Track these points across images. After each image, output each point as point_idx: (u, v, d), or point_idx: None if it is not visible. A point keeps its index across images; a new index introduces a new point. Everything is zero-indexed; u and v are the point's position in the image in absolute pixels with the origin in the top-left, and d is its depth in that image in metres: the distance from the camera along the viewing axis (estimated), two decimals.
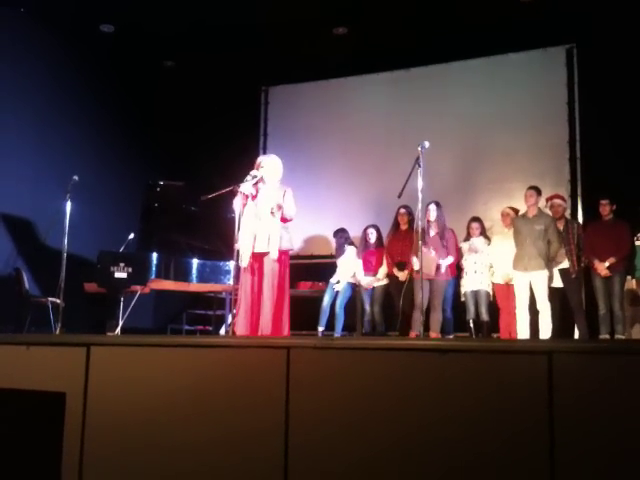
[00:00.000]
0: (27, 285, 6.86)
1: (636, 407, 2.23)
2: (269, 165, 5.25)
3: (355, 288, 7.11)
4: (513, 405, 2.37)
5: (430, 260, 6.11)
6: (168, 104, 8.93)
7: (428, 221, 6.39)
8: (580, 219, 7.28)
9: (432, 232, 6.40)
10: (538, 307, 5.95)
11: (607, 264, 6.04)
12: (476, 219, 6.80)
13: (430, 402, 2.54)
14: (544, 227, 6.01)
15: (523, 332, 5.89)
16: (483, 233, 6.75)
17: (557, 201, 6.46)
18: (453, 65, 8.24)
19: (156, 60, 8.94)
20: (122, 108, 8.52)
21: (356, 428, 2.67)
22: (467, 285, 6.66)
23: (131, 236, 6.83)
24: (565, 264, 6.20)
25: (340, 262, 7.14)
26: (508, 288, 6.30)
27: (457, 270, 6.73)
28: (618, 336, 5.93)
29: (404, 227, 6.81)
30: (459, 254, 6.67)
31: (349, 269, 7.08)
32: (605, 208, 6.23)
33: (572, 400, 2.30)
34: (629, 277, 6.21)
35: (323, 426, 2.74)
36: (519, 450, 2.35)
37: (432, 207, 6.35)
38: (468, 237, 6.76)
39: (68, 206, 5.85)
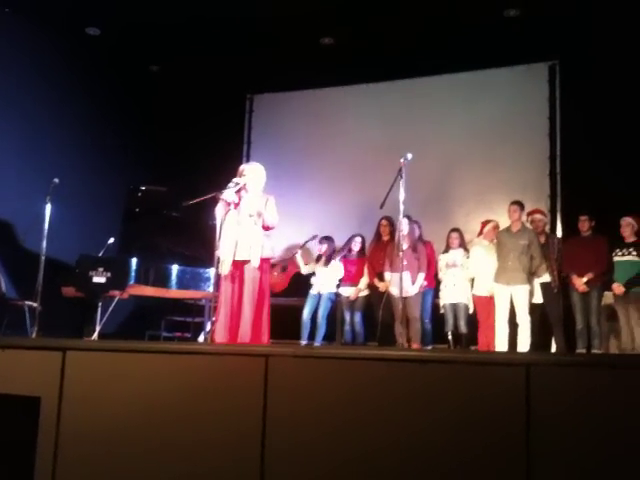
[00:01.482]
0: (4, 287, 6.77)
1: (611, 419, 2.25)
2: (252, 173, 5.25)
3: (337, 298, 7.11)
4: (491, 416, 2.38)
5: (406, 279, 6.13)
6: (152, 109, 8.91)
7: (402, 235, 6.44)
8: (559, 234, 7.35)
9: (405, 246, 6.43)
10: (518, 320, 6.03)
11: (585, 279, 6.11)
12: (455, 230, 6.86)
13: (408, 412, 2.55)
14: (528, 242, 6.12)
15: (502, 345, 5.93)
16: (462, 245, 6.79)
17: (538, 216, 6.55)
18: (438, 78, 8.30)
19: (142, 65, 8.92)
20: (106, 112, 8.47)
21: (333, 437, 2.66)
22: (446, 298, 6.70)
23: (111, 240, 6.77)
24: (546, 278, 6.26)
25: (325, 271, 7.11)
26: (489, 301, 6.33)
27: (436, 282, 6.76)
28: (594, 351, 5.99)
29: (386, 238, 6.84)
30: (436, 267, 6.71)
31: (333, 279, 7.08)
32: (584, 224, 6.31)
33: (549, 411, 2.32)
34: (606, 292, 6.27)
35: (300, 434, 2.73)
36: (497, 460, 2.36)
37: (404, 221, 6.39)
38: (447, 248, 6.81)
39: (48, 209, 5.81)
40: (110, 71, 8.55)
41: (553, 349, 6.23)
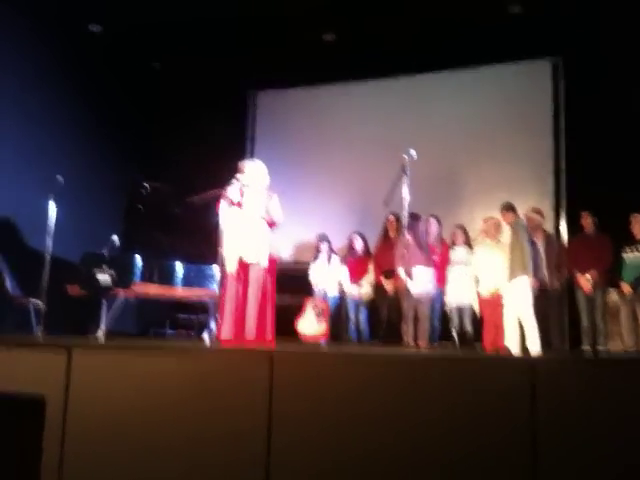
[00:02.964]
0: (9, 286, 6.78)
1: (616, 416, 2.25)
2: (253, 170, 5.25)
3: (341, 296, 7.10)
4: (497, 415, 2.38)
5: (420, 276, 6.12)
6: (155, 105, 8.91)
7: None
8: (564, 231, 7.33)
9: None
10: (521, 317, 5.96)
11: (589, 277, 6.09)
12: (460, 226, 6.85)
13: (414, 411, 2.54)
14: (514, 238, 6.03)
15: (512, 345, 5.87)
16: (467, 242, 6.78)
17: (531, 214, 6.44)
18: (441, 74, 8.28)
19: (143, 61, 8.91)
20: (108, 108, 8.46)
21: (339, 434, 2.66)
22: (451, 296, 6.68)
23: (114, 238, 6.76)
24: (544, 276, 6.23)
25: (326, 271, 7.11)
26: (492, 300, 6.31)
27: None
28: (600, 348, 5.98)
29: (393, 234, 6.80)
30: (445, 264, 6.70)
31: (335, 278, 7.08)
32: (586, 220, 6.30)
33: (554, 410, 2.32)
34: (610, 289, 6.25)
35: (305, 431, 2.73)
36: (502, 458, 2.36)
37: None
38: (452, 245, 6.80)
39: (52, 207, 5.81)
40: (112, 68, 8.54)
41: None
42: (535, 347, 5.71)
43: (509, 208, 6.26)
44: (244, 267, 5.01)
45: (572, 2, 6.88)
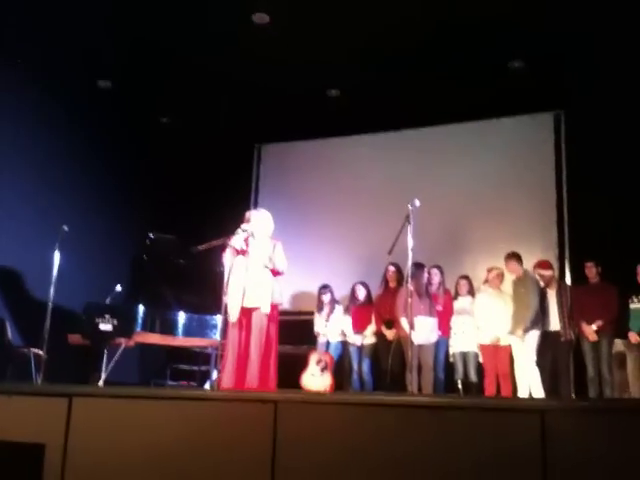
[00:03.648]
0: (10, 335, 6.74)
1: (627, 464, 2.20)
2: (259, 220, 5.29)
3: (344, 346, 7.04)
4: (507, 461, 2.33)
5: (422, 325, 6.10)
6: (162, 158, 9.02)
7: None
8: (568, 282, 7.30)
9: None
10: (528, 367, 5.99)
11: (595, 327, 6.06)
12: (464, 277, 6.86)
13: (423, 459, 2.49)
14: (525, 290, 6.17)
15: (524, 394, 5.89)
16: (471, 292, 6.78)
17: (540, 271, 6.43)
18: (443, 128, 8.40)
19: (152, 116, 9.07)
20: (115, 161, 8.57)
21: None
22: (456, 346, 6.65)
23: (118, 288, 6.77)
24: (556, 327, 6.20)
25: (329, 321, 7.06)
26: (495, 349, 6.29)
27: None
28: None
29: (393, 285, 6.83)
30: (449, 314, 6.69)
31: (338, 327, 7.04)
32: (591, 270, 6.30)
33: (565, 457, 2.26)
34: (617, 340, 6.20)
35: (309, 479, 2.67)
36: None
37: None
38: (456, 295, 6.80)
39: (56, 256, 5.82)
40: (120, 122, 8.68)
41: None
42: (540, 396, 5.71)
43: (514, 257, 6.30)
44: (247, 315, 4.99)
45: (572, 56, 7.00)
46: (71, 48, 7.35)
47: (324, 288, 7.19)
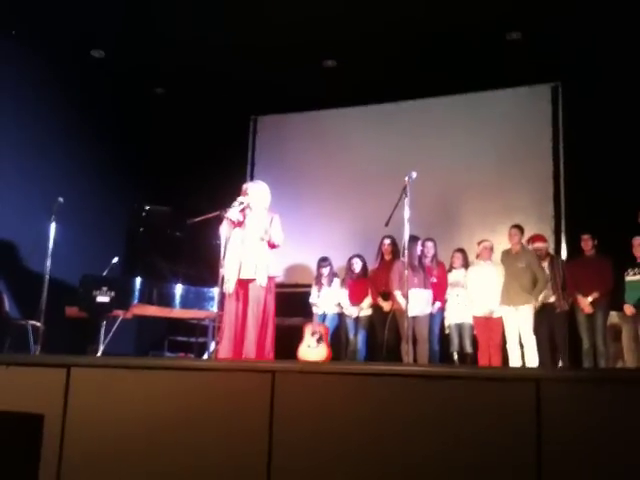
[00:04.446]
0: (7, 307, 6.75)
1: (621, 433, 2.23)
2: (256, 192, 5.27)
3: (341, 318, 7.08)
4: (502, 431, 2.36)
5: (417, 298, 6.12)
6: (157, 129, 8.96)
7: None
8: (564, 255, 7.33)
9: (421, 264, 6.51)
10: (523, 341, 6.07)
11: (590, 299, 6.10)
12: (459, 250, 6.90)
13: (417, 428, 2.51)
14: (525, 265, 6.19)
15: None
16: (466, 264, 6.81)
17: (538, 245, 6.53)
18: (440, 100, 8.35)
19: (147, 86, 8.98)
20: (111, 132, 8.50)
21: (340, 453, 2.62)
22: (451, 317, 6.70)
23: (115, 260, 6.77)
24: (551, 299, 6.25)
25: (326, 293, 7.09)
26: (487, 321, 6.34)
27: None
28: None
29: (388, 257, 6.84)
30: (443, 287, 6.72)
31: (335, 300, 7.06)
32: (587, 243, 6.32)
33: (560, 426, 2.29)
34: (612, 312, 6.24)
35: (307, 451, 2.70)
36: (507, 475, 2.32)
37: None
38: (451, 268, 6.83)
39: (52, 228, 5.81)
40: (115, 93, 8.60)
41: None
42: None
43: (519, 229, 6.33)
44: (243, 287, 4.99)
45: (569, 27, 6.95)
46: (64, 17, 7.24)
47: (324, 261, 7.21)
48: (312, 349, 6.53)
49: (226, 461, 2.85)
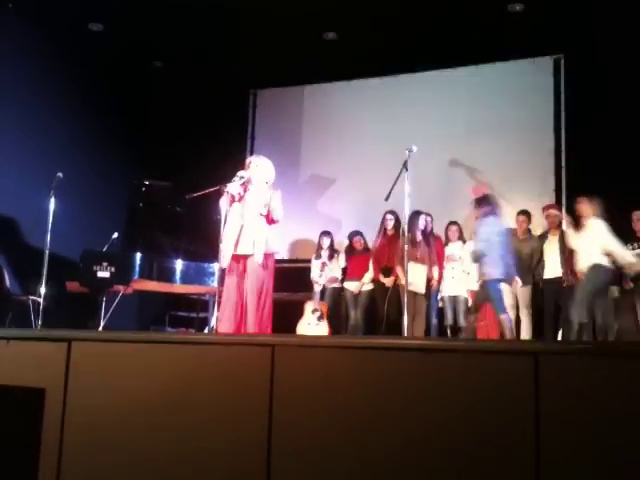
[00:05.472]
0: (8, 283, 6.76)
1: (621, 408, 2.23)
2: (259, 166, 5.22)
3: (341, 292, 7.10)
4: (500, 404, 2.36)
5: (418, 273, 6.13)
6: (156, 104, 8.90)
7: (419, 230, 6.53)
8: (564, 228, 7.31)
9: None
10: (521, 315, 6.15)
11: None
12: (454, 222, 6.90)
13: (416, 402, 2.52)
14: (531, 251, 6.42)
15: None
16: (461, 238, 6.82)
17: (553, 212, 6.58)
18: (442, 72, 8.28)
19: (145, 60, 8.90)
20: (109, 107, 8.45)
21: (340, 427, 2.63)
22: (445, 291, 6.75)
23: (115, 235, 6.77)
24: (558, 273, 6.26)
25: (327, 268, 7.10)
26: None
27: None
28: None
29: (390, 232, 6.82)
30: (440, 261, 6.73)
31: (335, 274, 7.08)
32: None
33: (558, 399, 2.29)
34: (612, 287, 6.24)
35: (307, 424, 2.71)
36: (505, 449, 2.33)
37: (422, 217, 6.51)
38: (447, 241, 6.84)
39: (52, 204, 5.79)
40: (114, 67, 8.52)
41: None
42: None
43: (525, 214, 6.63)
44: (242, 262, 4.98)
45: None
46: None
47: (325, 234, 7.21)
48: (312, 326, 6.56)
49: (226, 434, 2.86)
